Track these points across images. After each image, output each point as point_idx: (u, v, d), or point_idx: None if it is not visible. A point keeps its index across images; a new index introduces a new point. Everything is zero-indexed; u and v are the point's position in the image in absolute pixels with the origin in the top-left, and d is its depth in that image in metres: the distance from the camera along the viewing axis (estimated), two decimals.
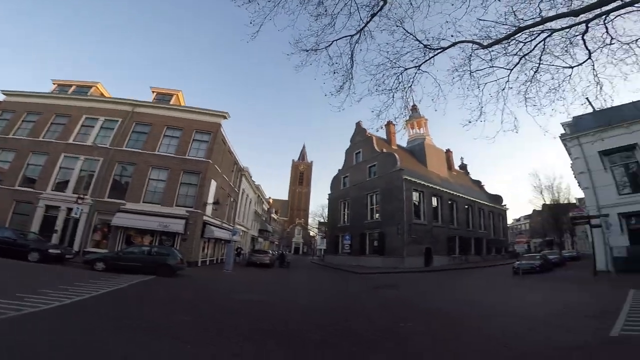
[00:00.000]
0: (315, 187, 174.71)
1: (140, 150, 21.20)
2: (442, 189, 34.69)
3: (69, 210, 18.53)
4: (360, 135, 38.61)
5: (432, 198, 33.40)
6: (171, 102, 24.46)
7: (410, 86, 8.34)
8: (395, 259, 27.98)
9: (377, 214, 32.80)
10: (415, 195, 31.38)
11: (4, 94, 23.47)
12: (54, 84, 25.11)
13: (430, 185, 33.13)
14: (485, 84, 8.06)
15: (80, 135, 21.78)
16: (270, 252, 32.47)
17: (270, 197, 60.62)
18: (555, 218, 41.89)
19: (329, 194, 43.49)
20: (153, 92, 25.01)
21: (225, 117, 23.33)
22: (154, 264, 14.44)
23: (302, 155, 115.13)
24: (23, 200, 19.38)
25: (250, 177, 38.14)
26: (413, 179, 30.82)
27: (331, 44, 7.94)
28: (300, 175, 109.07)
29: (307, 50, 7.97)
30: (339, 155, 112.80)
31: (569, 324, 7.00)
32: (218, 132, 22.97)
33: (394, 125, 9.42)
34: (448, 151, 47.49)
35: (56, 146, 20.97)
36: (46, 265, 13.68)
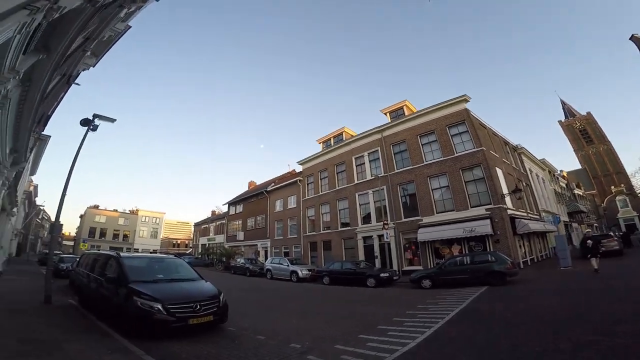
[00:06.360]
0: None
1: (410, 167, 21.48)
2: None
3: (379, 237, 20.77)
4: None
5: None
6: (406, 114, 24.10)
7: None
8: None
9: None
10: None
11: (299, 164, 32.02)
12: (318, 142, 31.19)
13: None
14: None
15: (360, 174, 25.11)
16: (613, 234, 23.40)
17: (562, 170, 47.39)
18: None
19: None
20: (385, 113, 25.71)
21: (466, 100, 20.30)
22: (481, 273, 12.78)
23: (567, 110, 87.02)
24: (347, 237, 23.89)
25: (531, 153, 31.02)
26: None
27: None
28: (583, 133, 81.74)
29: None
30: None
31: None
32: (469, 117, 20.07)
33: None
34: None
35: (350, 189, 25.06)
36: (382, 288, 14.93)
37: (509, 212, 17.93)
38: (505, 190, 18.20)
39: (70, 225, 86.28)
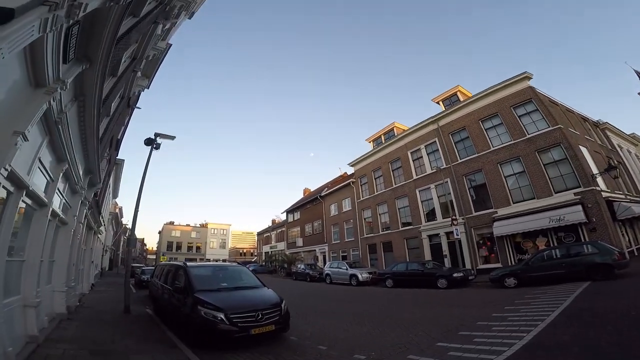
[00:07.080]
0: None
1: (476, 155, 19.55)
2: None
3: (447, 234, 19.14)
4: None
5: None
6: (461, 99, 22.11)
7: None
8: None
9: None
10: None
11: (350, 165, 31.32)
12: (367, 141, 30.22)
13: None
14: None
15: (418, 169, 23.59)
16: None
17: None
18: None
19: None
20: (437, 102, 23.91)
21: (528, 78, 18.01)
22: (581, 267, 10.91)
23: None
24: (410, 237, 22.58)
25: (617, 128, 26.58)
26: None
27: None
28: None
29: None
30: None
31: None
32: (536, 95, 17.78)
33: None
34: None
35: (409, 186, 23.68)
36: (455, 289, 13.61)
37: (604, 194, 15.15)
38: (595, 170, 15.52)
39: (152, 241, 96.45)
